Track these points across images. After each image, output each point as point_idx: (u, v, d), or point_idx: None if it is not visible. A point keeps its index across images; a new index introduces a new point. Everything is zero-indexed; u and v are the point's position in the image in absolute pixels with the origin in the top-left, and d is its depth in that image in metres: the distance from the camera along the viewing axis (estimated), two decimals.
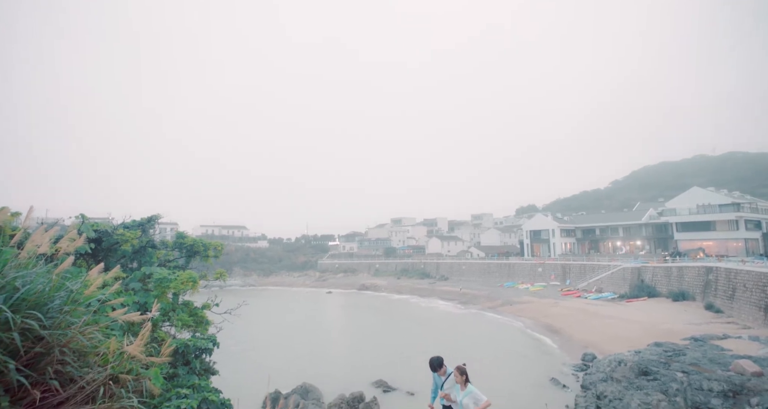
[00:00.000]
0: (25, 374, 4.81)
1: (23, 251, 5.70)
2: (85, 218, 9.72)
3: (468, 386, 5.19)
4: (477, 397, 5.07)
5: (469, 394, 5.11)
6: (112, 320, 6.69)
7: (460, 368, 5.31)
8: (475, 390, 5.13)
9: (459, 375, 5.24)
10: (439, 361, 5.79)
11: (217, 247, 12.46)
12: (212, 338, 9.36)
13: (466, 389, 5.17)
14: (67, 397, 5.63)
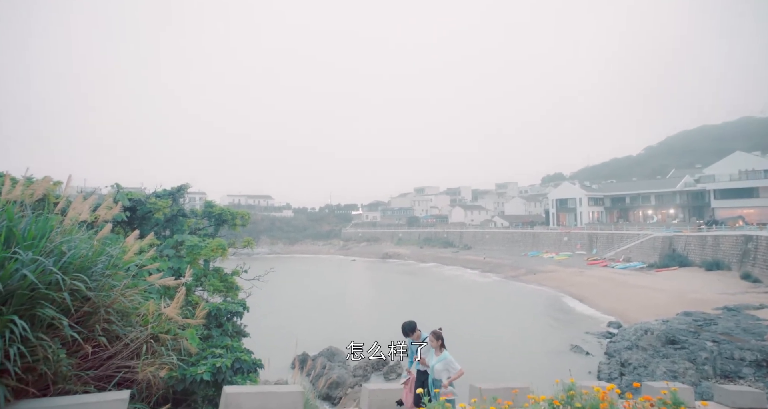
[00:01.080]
0: (77, 331, 5.20)
1: (66, 218, 6.02)
2: (120, 188, 10.11)
3: (443, 351, 5.05)
4: (450, 364, 4.93)
5: (443, 360, 4.96)
6: (150, 284, 7.09)
7: (435, 333, 5.16)
8: (450, 357, 4.98)
9: (434, 340, 5.10)
10: (412, 326, 5.64)
11: (244, 215, 12.79)
12: (242, 303, 9.80)
13: (440, 355, 5.01)
14: (115, 352, 6.07)
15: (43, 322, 4.92)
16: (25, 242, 5.13)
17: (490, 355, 19.43)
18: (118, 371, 5.99)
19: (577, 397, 3.11)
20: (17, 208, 5.58)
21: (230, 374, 7.01)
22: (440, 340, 5.09)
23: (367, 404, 6.15)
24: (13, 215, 5.29)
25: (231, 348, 8.02)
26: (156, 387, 6.17)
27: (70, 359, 5.44)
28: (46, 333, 4.91)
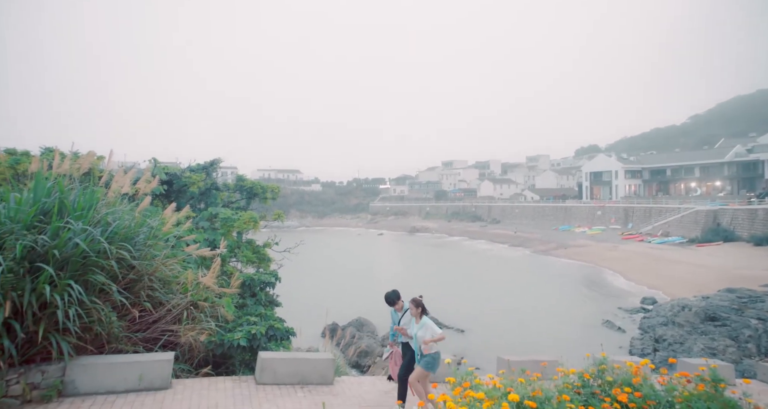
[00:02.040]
0: (124, 296, 5.55)
1: (110, 191, 6.31)
2: (157, 162, 10.49)
3: (423, 318, 4.95)
4: (431, 329, 4.84)
5: (423, 326, 4.88)
6: (188, 255, 7.42)
7: (415, 300, 5.03)
8: (430, 322, 4.91)
9: (414, 307, 4.98)
10: (396, 294, 5.47)
11: (274, 189, 13.04)
12: (274, 273, 10.14)
13: (420, 322, 4.93)
14: (159, 317, 6.46)
15: (95, 287, 5.29)
16: (75, 213, 5.45)
17: (519, 328, 19.48)
18: (163, 334, 6.43)
19: (608, 371, 3.06)
20: (66, 181, 5.91)
21: (264, 340, 7.34)
22: (420, 307, 4.97)
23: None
24: (64, 188, 5.62)
25: (265, 316, 8.38)
26: (197, 350, 6.59)
27: (120, 321, 5.87)
28: (98, 297, 5.30)
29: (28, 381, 4.62)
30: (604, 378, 2.97)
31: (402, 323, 5.25)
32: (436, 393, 3.06)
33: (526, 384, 3.08)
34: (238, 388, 5.53)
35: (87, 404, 4.72)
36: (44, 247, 4.88)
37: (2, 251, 4.67)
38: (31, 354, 4.76)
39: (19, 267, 4.65)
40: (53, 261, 4.84)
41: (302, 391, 5.60)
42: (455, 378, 3.36)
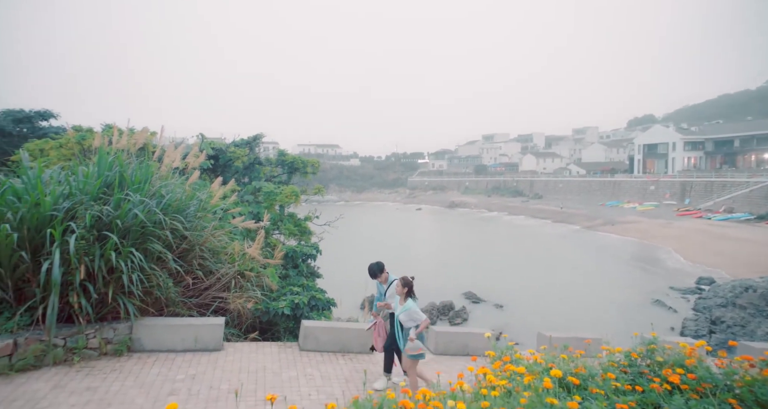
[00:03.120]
0: (179, 264, 5.94)
1: (163, 165, 6.66)
2: (204, 137, 10.93)
3: (408, 301, 4.61)
4: (415, 315, 4.55)
5: (407, 310, 4.55)
6: (234, 227, 7.77)
7: (404, 279, 4.68)
8: (414, 306, 4.58)
9: (401, 287, 4.64)
10: (380, 266, 5.21)
11: (314, 164, 13.24)
12: (315, 246, 10.44)
13: (404, 304, 4.60)
14: (210, 285, 6.87)
15: (153, 255, 5.71)
16: (134, 186, 5.83)
17: (560, 306, 19.09)
18: (214, 300, 6.87)
19: (658, 351, 2.92)
20: (124, 156, 6.30)
21: (307, 310, 7.67)
22: (407, 288, 4.62)
23: (434, 345, 6.45)
24: (123, 162, 6.02)
25: (307, 287, 8.71)
26: (245, 317, 7.01)
27: (176, 287, 6.34)
28: (156, 265, 5.72)
29: (102, 336, 5.15)
30: (654, 358, 2.85)
31: (387, 295, 5.02)
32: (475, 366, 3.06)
33: (569, 361, 3.02)
34: (284, 353, 5.85)
35: (152, 359, 5.19)
36: (109, 217, 5.29)
37: (75, 220, 5.12)
38: (104, 313, 5.26)
39: (89, 235, 5.09)
40: (117, 230, 5.25)
41: (343, 358, 5.84)
42: (495, 352, 3.36)
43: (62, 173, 5.76)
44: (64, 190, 5.35)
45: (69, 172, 5.83)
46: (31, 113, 15.49)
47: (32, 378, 4.46)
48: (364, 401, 2.23)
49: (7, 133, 14.02)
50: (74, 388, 4.32)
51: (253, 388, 4.66)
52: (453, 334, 6.58)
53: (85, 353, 4.98)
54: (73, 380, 4.48)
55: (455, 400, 2.42)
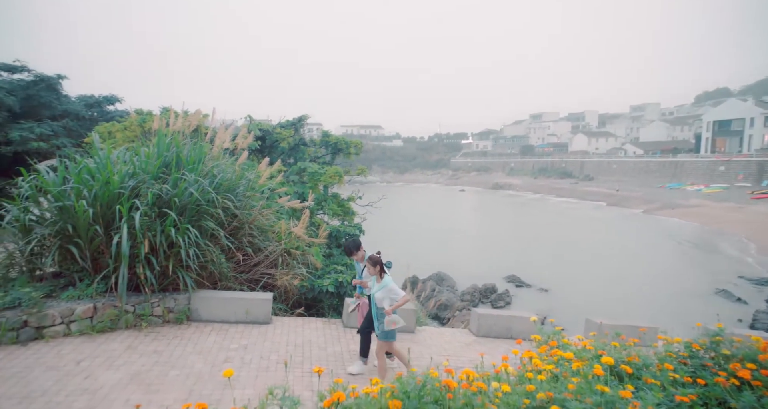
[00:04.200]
0: (230, 241, 6.26)
1: (214, 146, 6.96)
2: (252, 119, 11.28)
3: (384, 278, 4.40)
4: (393, 292, 4.33)
5: (384, 287, 4.34)
6: (280, 206, 8.03)
7: (372, 258, 4.45)
8: (391, 284, 4.38)
9: (371, 266, 4.43)
10: (356, 243, 4.94)
11: (357, 145, 13.30)
12: (358, 226, 10.59)
13: (381, 282, 4.40)
14: (258, 261, 7.18)
15: (207, 232, 6.05)
16: (189, 166, 6.16)
17: (609, 292, 18.25)
18: (262, 276, 7.21)
19: (725, 343, 2.72)
20: (180, 137, 6.66)
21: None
22: (378, 265, 4.40)
23: (476, 327, 6.42)
24: (179, 143, 6.37)
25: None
26: (291, 293, 7.31)
27: (228, 263, 6.73)
28: (209, 241, 6.08)
29: (165, 306, 5.59)
30: (719, 351, 2.65)
31: (365, 274, 4.81)
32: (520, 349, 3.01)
33: (621, 348, 2.89)
34: (328, 329, 6.07)
35: (208, 329, 5.58)
36: (167, 195, 5.66)
37: (139, 198, 5.52)
38: (165, 284, 5.69)
39: (151, 212, 5.48)
40: (175, 208, 5.60)
41: None
42: (541, 336, 3.28)
43: (127, 154, 6.20)
44: (129, 170, 5.76)
45: (133, 153, 6.26)
46: (100, 98, 16.77)
47: (109, 339, 4.96)
48: (408, 378, 2.25)
49: (81, 117, 15.27)
50: (143, 350, 4.76)
51: (300, 360, 4.89)
52: (496, 316, 6.50)
53: (151, 320, 5.45)
54: (142, 343, 4.93)
55: (500, 382, 2.40)
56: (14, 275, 5.47)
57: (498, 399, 2.15)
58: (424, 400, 2.11)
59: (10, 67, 14.68)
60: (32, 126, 12.40)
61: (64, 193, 5.33)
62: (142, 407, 2.34)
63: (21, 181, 5.64)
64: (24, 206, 5.51)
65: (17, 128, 12.07)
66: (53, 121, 13.80)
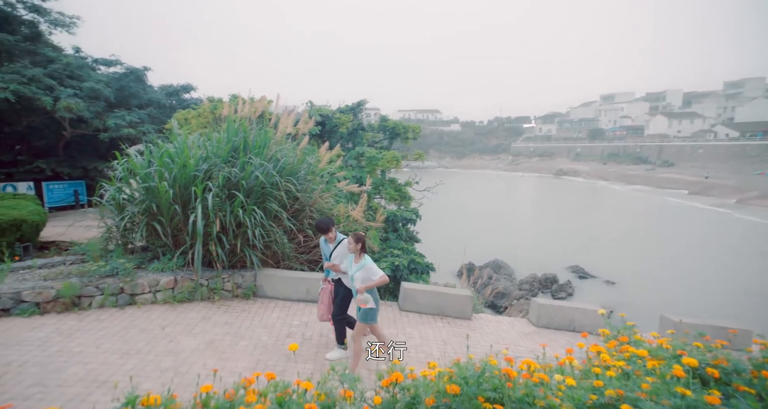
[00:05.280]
0: (292, 223, 6.53)
1: (278, 132, 7.25)
2: (313, 104, 11.57)
3: (364, 257, 4.20)
4: (371, 272, 4.10)
5: (363, 267, 4.13)
6: (339, 190, 8.22)
7: (356, 234, 4.23)
8: (370, 263, 4.16)
9: (354, 243, 4.17)
10: (327, 221, 4.60)
11: (415, 129, 13.17)
12: (415, 211, 10.57)
13: (360, 261, 4.17)
14: (318, 243, 7.42)
15: (271, 213, 6.37)
16: (255, 150, 6.51)
17: (690, 290, 16.69)
18: (321, 258, 7.50)
19: None
20: (247, 123, 7.02)
21: (406, 272, 7.91)
22: (360, 243, 4.19)
23: (535, 317, 6.19)
24: (246, 129, 6.73)
25: (406, 250, 8.95)
26: None
27: (290, 243, 7.06)
28: (273, 222, 6.41)
29: (234, 281, 6.03)
30: None
31: (334, 256, 4.55)
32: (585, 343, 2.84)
33: (705, 350, 2.62)
34: (384, 311, 6.18)
35: (272, 305, 5.93)
36: (236, 178, 6.02)
37: (211, 180, 5.93)
38: (234, 262, 6.12)
39: (222, 193, 5.87)
40: (242, 190, 5.96)
41: (441, 321, 5.95)
42: (609, 330, 3.08)
43: (200, 139, 6.66)
44: (203, 154, 6.20)
45: (205, 138, 6.71)
46: (178, 87, 18.18)
47: (187, 309, 5.46)
48: (467, 364, 2.23)
49: (162, 105, 16.70)
50: (216, 321, 5.18)
51: None
52: (557, 307, 6.22)
53: (222, 294, 5.91)
54: (215, 315, 5.36)
55: (563, 374, 2.29)
56: (112, 248, 6.18)
57: (561, 392, 2.05)
58: (483, 387, 2.07)
59: (107, 61, 16.36)
60: (124, 114, 13.75)
61: (150, 176, 5.88)
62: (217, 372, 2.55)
63: (116, 164, 6.31)
64: (118, 187, 6.16)
65: (112, 116, 13.46)
66: (140, 109, 15.21)
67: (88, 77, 13.79)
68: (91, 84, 13.16)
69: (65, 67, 13.32)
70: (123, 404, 1.44)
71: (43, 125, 13.24)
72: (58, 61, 13.30)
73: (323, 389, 1.94)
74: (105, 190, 6.30)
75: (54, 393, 3.43)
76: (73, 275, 5.45)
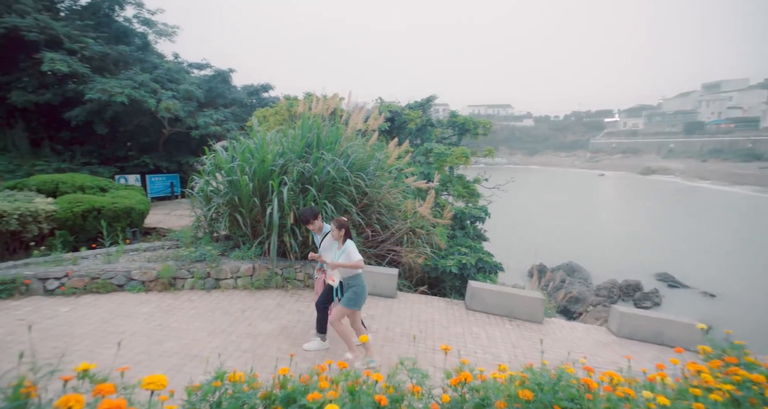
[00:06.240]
0: (360, 217, 6.67)
1: (348, 128, 7.44)
2: (382, 101, 11.73)
3: (346, 242, 4.11)
4: (349, 255, 4.02)
5: (344, 251, 4.07)
6: (407, 186, 8.24)
7: (339, 221, 4.13)
8: (350, 247, 4.06)
9: (336, 229, 4.11)
10: (313, 212, 4.41)
11: (486, 125, 12.76)
12: (484, 209, 10.25)
13: (343, 247, 4.11)
14: (385, 238, 7.52)
15: (340, 208, 6.58)
16: (327, 146, 6.76)
17: None
18: (388, 253, 7.56)
19: None
20: (320, 119, 7.31)
21: (474, 271, 7.70)
22: (343, 229, 4.11)
23: (616, 326, 5.69)
24: (319, 125, 7.01)
25: (474, 249, 8.72)
26: (415, 271, 7.52)
27: (358, 237, 7.24)
28: (343, 216, 6.62)
29: (306, 272, 6.32)
30: None
31: (322, 247, 4.43)
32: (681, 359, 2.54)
33: None
34: (451, 309, 6.09)
35: None
36: (309, 172, 6.29)
37: (286, 174, 6.28)
38: (305, 253, 6.41)
39: (296, 187, 6.18)
40: (315, 184, 6.21)
41: (510, 324, 5.72)
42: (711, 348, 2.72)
43: (277, 136, 7.06)
44: (279, 150, 6.57)
45: (282, 135, 7.10)
46: (257, 87, 19.53)
47: (264, 295, 5.85)
48: (541, 370, 2.10)
49: (244, 104, 18.06)
50: (289, 308, 5.48)
51: (423, 336, 5.02)
52: (643, 317, 5.65)
53: (295, 283, 6.23)
54: (288, 302, 5.68)
55: (653, 392, 2.07)
56: (200, 235, 6.81)
57: None
58: (559, 395, 1.95)
59: (199, 65, 18.12)
60: (211, 113, 15.09)
61: (232, 170, 6.37)
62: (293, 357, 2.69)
63: (204, 159, 6.93)
64: (206, 180, 6.77)
65: (202, 115, 14.84)
66: (225, 108, 16.57)
67: (183, 80, 15.33)
68: (186, 86, 14.60)
69: (166, 72, 14.93)
70: (213, 378, 1.56)
71: (148, 124, 14.96)
72: (161, 67, 14.95)
73: (391, 383, 1.95)
74: (195, 183, 6.96)
75: (156, 362, 3.87)
76: (170, 259, 6.09)
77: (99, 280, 5.55)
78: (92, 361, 1.74)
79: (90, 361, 1.51)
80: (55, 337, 4.21)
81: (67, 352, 3.84)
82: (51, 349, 3.93)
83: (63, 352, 3.76)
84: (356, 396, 1.77)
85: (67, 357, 3.62)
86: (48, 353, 3.78)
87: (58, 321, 4.59)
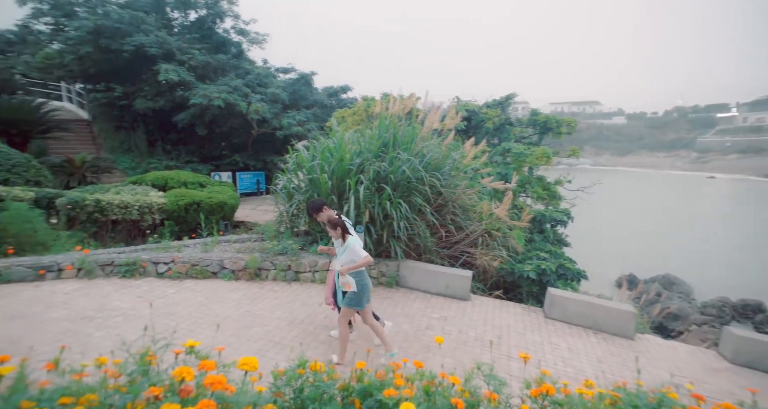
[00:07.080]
0: (435, 218, 6.62)
1: (424, 127, 7.43)
2: (459, 100, 11.52)
3: (348, 239, 3.95)
4: (354, 253, 3.87)
5: (347, 249, 3.93)
6: (483, 186, 7.98)
7: (331, 221, 3.98)
8: (354, 243, 3.92)
9: (331, 229, 3.98)
10: (315, 204, 4.29)
11: (570, 123, 11.92)
12: (566, 212, 9.57)
13: (345, 244, 3.96)
14: (459, 239, 7.36)
15: (415, 207, 6.57)
16: (402, 146, 6.80)
17: None
18: (462, 254, 7.39)
19: None
20: (397, 119, 7.39)
21: (554, 277, 7.23)
22: (338, 227, 3.97)
23: (731, 351, 4.94)
24: (396, 125, 7.09)
25: (554, 254, 8.19)
26: (490, 274, 7.25)
27: (431, 238, 7.18)
28: (417, 216, 6.61)
29: (380, 270, 6.44)
30: None
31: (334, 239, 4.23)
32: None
33: None
34: (527, 316, 5.77)
35: (413, 295, 6.13)
36: (384, 172, 6.38)
37: (363, 173, 6.44)
38: (379, 251, 6.52)
39: (372, 186, 6.31)
40: (390, 183, 6.28)
41: (595, 337, 5.27)
42: None
43: (355, 135, 7.27)
44: (356, 149, 6.75)
45: (359, 135, 7.30)
46: (337, 88, 20.39)
47: None
48: (638, 392, 1.89)
49: (324, 105, 18.98)
50: None
51: (498, 342, 4.83)
52: (763, 343, 4.84)
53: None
54: None
55: None
56: (283, 230, 7.28)
57: None
58: None
59: (285, 69, 19.45)
60: (294, 114, 16.09)
61: (313, 168, 6.69)
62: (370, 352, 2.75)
63: (287, 157, 7.39)
64: (289, 178, 7.20)
65: (286, 117, 15.89)
66: (307, 109, 17.56)
67: (270, 84, 16.53)
68: (273, 89, 15.73)
69: (256, 77, 16.23)
70: (296, 366, 1.65)
71: (239, 126, 16.39)
72: (252, 73, 16.29)
73: (467, 387, 1.89)
74: (279, 181, 7.44)
75: (244, 346, 4.21)
76: (256, 251, 6.59)
77: (198, 267, 6.19)
78: (195, 339, 1.93)
79: (194, 339, 1.69)
80: (165, 315, 4.79)
81: (176, 329, 4.34)
82: (162, 325, 4.48)
83: (174, 329, 4.27)
84: (432, 397, 1.75)
85: (175, 333, 4.11)
86: (160, 328, 4.31)
87: (166, 301, 5.22)
